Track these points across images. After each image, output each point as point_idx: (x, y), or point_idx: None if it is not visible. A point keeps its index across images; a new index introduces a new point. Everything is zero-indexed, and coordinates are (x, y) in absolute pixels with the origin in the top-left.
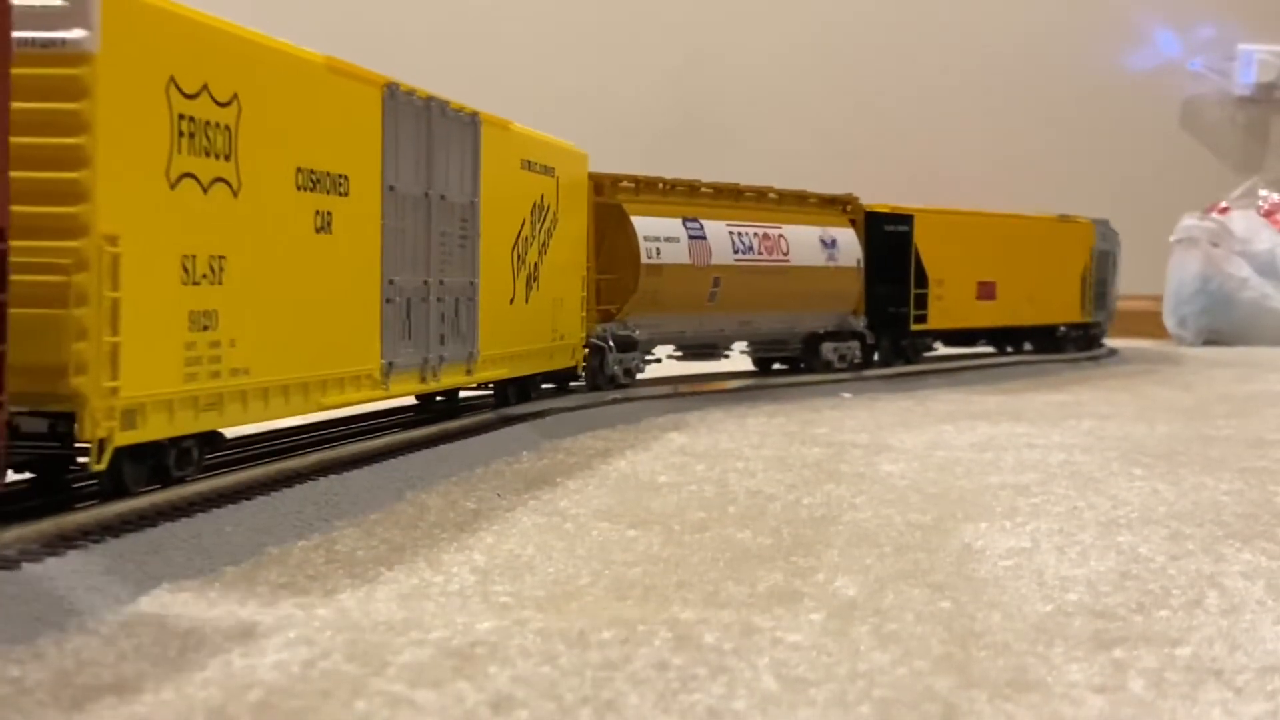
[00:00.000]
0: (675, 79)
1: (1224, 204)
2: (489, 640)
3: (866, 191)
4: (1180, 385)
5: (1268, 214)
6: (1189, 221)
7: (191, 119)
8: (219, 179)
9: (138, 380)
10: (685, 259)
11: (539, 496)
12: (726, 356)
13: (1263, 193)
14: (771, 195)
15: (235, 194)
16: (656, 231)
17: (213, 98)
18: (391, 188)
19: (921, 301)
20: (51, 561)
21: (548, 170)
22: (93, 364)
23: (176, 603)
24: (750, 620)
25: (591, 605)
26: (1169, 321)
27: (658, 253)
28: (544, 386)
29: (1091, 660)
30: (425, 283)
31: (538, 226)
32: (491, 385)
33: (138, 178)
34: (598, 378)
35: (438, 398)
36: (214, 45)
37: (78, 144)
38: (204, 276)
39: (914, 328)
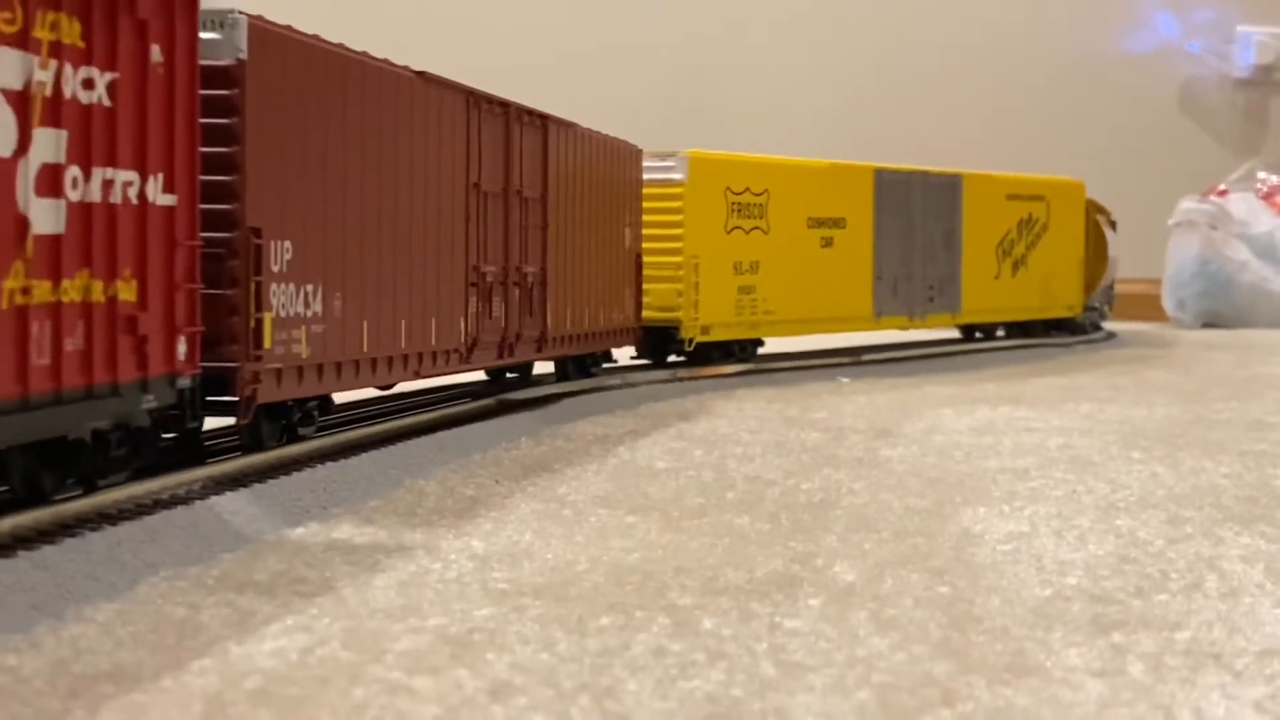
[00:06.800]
0: (673, 58)
1: (1223, 186)
2: (487, 627)
3: None
4: (1179, 368)
5: (1266, 196)
6: (1188, 204)
7: (739, 203)
8: (756, 228)
9: (709, 314)
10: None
11: (537, 483)
12: None
13: (1261, 175)
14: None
15: (766, 233)
16: (1110, 237)
17: (752, 192)
18: (880, 221)
19: None
20: (48, 550)
21: (1035, 197)
22: (685, 306)
23: (174, 590)
24: (748, 606)
25: (590, 592)
26: (1168, 304)
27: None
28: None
29: (1090, 644)
30: (910, 270)
31: (1023, 231)
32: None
33: (709, 231)
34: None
35: (977, 334)
36: (750, 171)
37: (680, 220)
38: (746, 270)
39: None
